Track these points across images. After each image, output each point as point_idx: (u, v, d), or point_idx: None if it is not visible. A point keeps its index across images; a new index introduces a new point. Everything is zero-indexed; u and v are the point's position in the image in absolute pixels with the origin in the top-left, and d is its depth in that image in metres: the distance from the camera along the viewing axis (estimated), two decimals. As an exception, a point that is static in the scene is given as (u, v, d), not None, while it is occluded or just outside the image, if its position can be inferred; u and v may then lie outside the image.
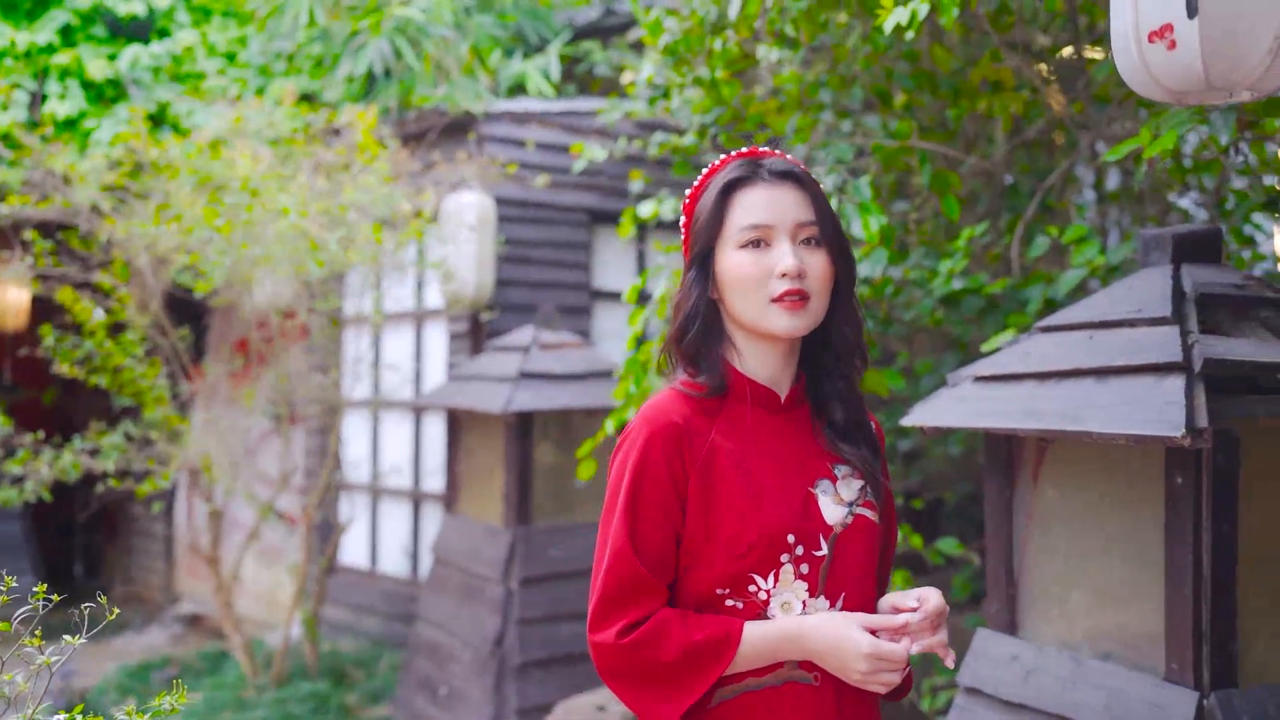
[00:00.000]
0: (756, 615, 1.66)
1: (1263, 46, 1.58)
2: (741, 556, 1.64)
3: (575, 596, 5.29)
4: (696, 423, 1.69)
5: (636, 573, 1.64)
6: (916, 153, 4.28)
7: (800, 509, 1.68)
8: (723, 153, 5.53)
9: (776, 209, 1.68)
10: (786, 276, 1.66)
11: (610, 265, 6.83)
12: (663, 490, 1.66)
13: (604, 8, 7.88)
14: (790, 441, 1.74)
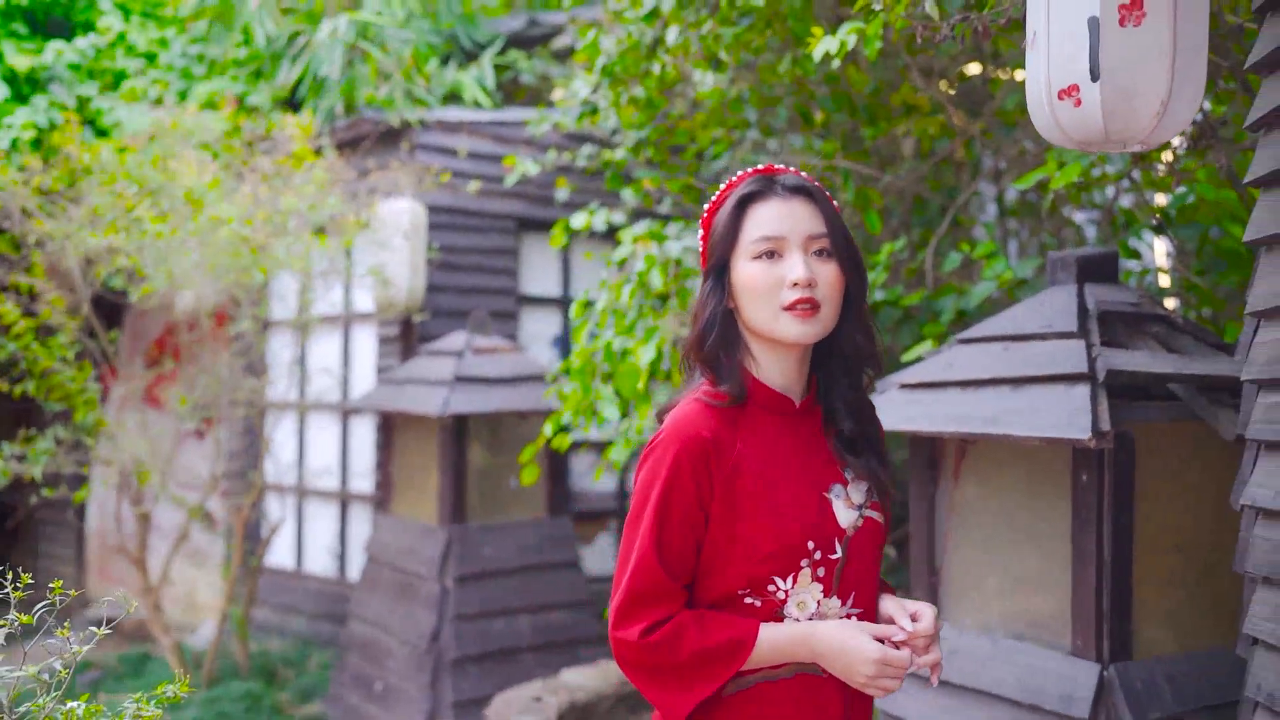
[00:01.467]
0: (773, 612, 1.74)
1: (1152, 109, 1.85)
2: (763, 561, 1.71)
3: (508, 593, 5.47)
4: (723, 434, 1.75)
5: (659, 579, 1.71)
6: (840, 170, 4.56)
7: (817, 514, 1.76)
8: (652, 166, 5.73)
9: (788, 222, 1.75)
10: (797, 285, 1.72)
11: (536, 271, 7.01)
12: (689, 503, 1.72)
13: (527, 18, 8.04)
14: (805, 446, 1.81)
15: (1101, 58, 1.80)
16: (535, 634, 5.47)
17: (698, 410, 1.77)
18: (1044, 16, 1.88)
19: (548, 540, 5.69)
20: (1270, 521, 2.10)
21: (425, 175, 6.02)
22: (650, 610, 1.72)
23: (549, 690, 4.85)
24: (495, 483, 5.68)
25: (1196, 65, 1.84)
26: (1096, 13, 1.80)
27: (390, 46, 6.71)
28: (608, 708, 5.01)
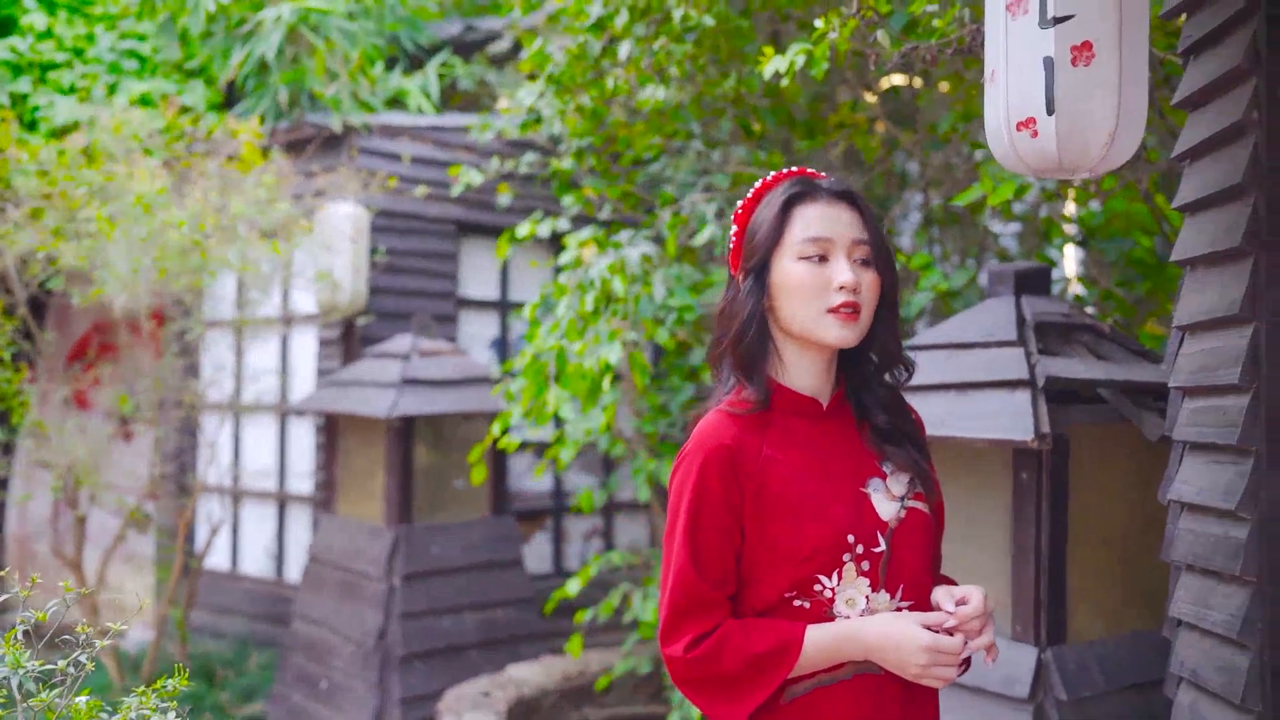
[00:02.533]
0: (823, 612, 1.71)
1: (1101, 140, 2.04)
2: (806, 561, 1.70)
3: (454, 591, 5.57)
4: (747, 441, 1.75)
5: (699, 591, 1.71)
6: (780, 183, 4.75)
7: (855, 509, 1.74)
8: (594, 174, 5.85)
9: (835, 225, 1.76)
10: (844, 289, 1.73)
11: (475, 275, 7.10)
12: (719, 512, 1.72)
13: (464, 23, 8.13)
14: (837, 446, 1.80)
15: (1056, 94, 1.99)
16: (480, 631, 5.58)
17: (720, 419, 1.77)
18: (1002, 55, 2.07)
19: (492, 539, 5.80)
20: (1194, 515, 2.32)
21: (370, 180, 6.08)
22: (693, 623, 1.72)
23: (497, 685, 4.96)
24: (440, 483, 5.78)
25: (1139, 100, 2.04)
26: (1051, 53, 1.99)
27: (335, 40, 6.74)
28: (552, 702, 5.14)
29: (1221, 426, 2.15)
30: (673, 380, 5.16)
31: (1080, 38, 1.96)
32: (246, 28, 6.85)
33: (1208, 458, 2.24)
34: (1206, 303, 2.24)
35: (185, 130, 5.94)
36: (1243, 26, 2.11)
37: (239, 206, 5.38)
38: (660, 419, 5.14)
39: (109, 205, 5.20)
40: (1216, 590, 2.20)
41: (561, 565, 7.24)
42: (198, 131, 5.91)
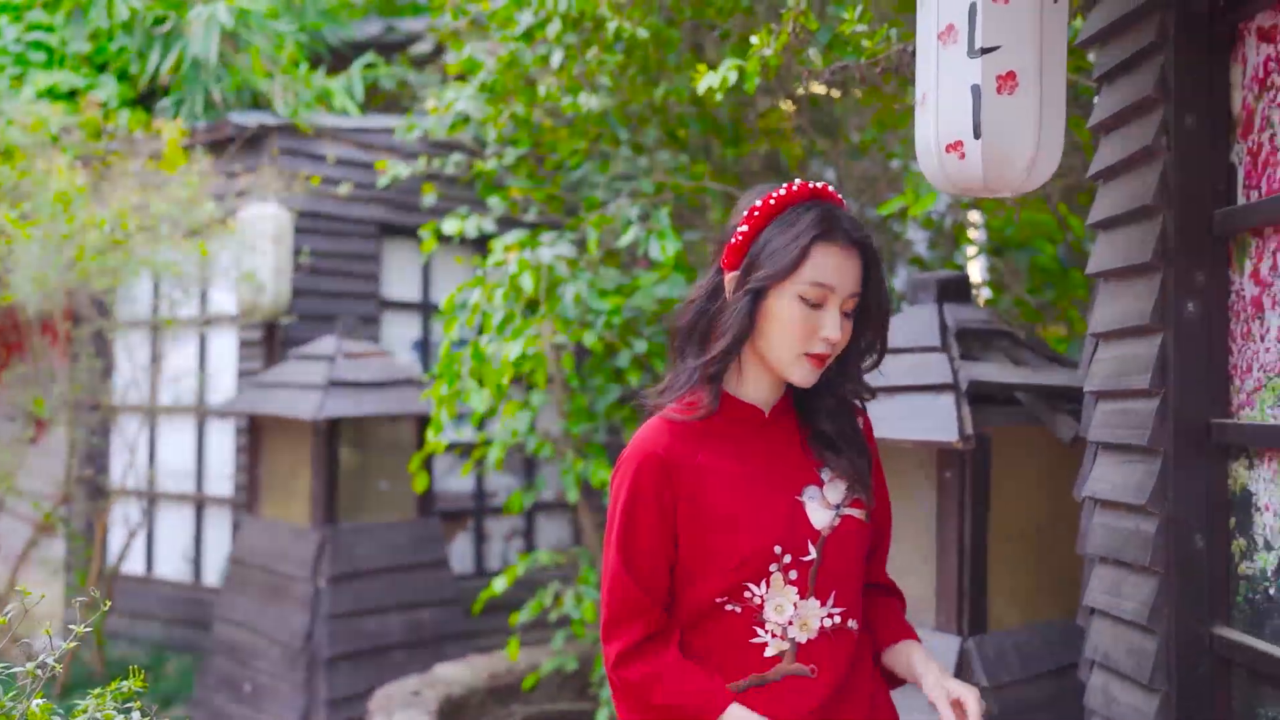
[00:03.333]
0: (753, 617, 1.74)
1: (1023, 163, 2.18)
2: (734, 570, 1.72)
3: (380, 592, 5.59)
4: (681, 449, 1.76)
5: (632, 595, 1.75)
6: (708, 190, 4.88)
7: (788, 518, 1.75)
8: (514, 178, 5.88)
9: (842, 276, 1.73)
10: (827, 342, 1.73)
11: (397, 276, 7.11)
12: (652, 519, 1.74)
13: (384, 24, 8.12)
14: (776, 453, 1.81)
15: (982, 119, 2.12)
16: (406, 631, 5.61)
17: (658, 426, 1.78)
18: (933, 81, 2.20)
19: (417, 540, 5.83)
20: (1107, 511, 2.48)
21: (294, 180, 6.06)
22: (626, 628, 1.75)
23: (426, 685, 5.01)
24: (365, 484, 5.79)
25: (1057, 126, 2.19)
26: (978, 81, 2.12)
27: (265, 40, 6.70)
28: (480, 700, 5.20)
29: (1132, 428, 2.31)
30: (599, 382, 5.25)
31: (1005, 68, 2.10)
32: (167, 26, 6.76)
33: (1120, 457, 2.41)
34: (1119, 313, 2.40)
35: (104, 128, 5.86)
36: (1153, 58, 2.27)
37: (161, 206, 5.33)
38: (586, 420, 5.23)
39: (24, 204, 5.12)
40: (1127, 580, 2.36)
41: (483, 566, 7.28)
42: (116, 129, 5.83)
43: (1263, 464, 2.08)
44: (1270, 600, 2.05)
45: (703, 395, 1.78)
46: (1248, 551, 2.12)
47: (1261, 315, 2.10)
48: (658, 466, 1.74)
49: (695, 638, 1.78)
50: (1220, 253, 2.20)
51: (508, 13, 4.92)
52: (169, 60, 6.77)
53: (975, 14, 2.09)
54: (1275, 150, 2.06)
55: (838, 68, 3.03)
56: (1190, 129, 2.20)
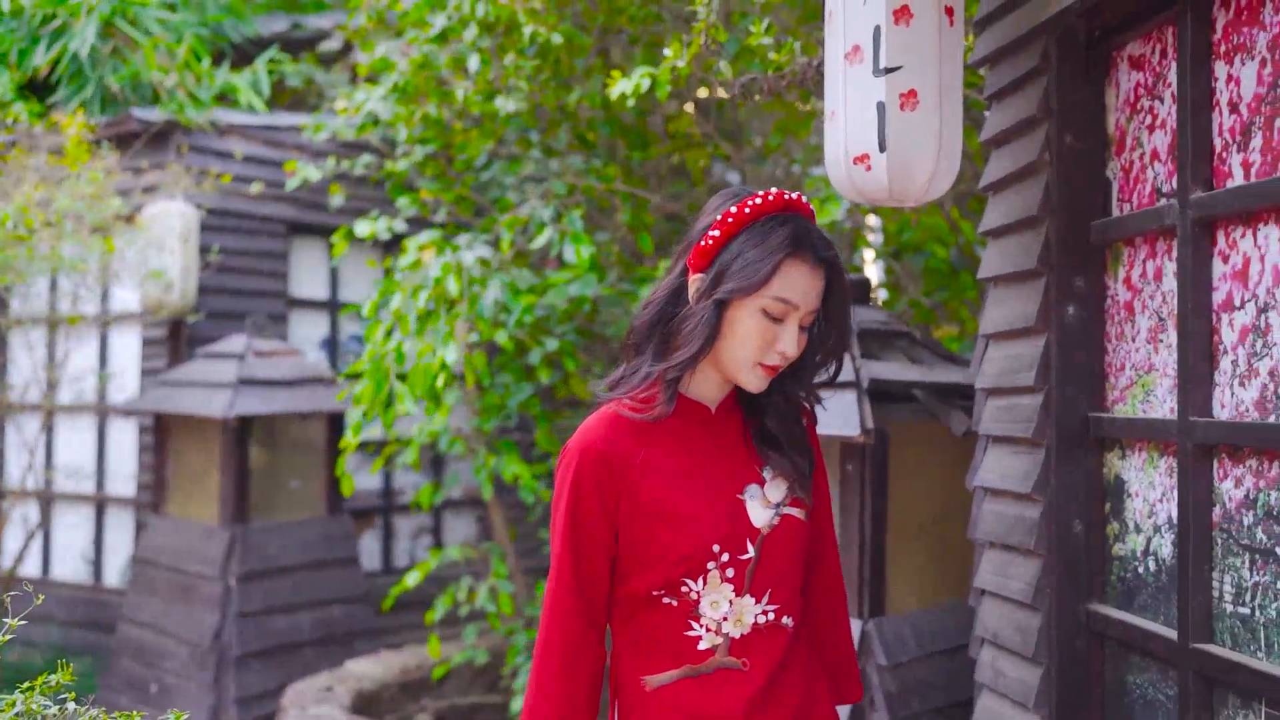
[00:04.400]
0: (689, 611, 1.75)
1: (924, 175, 2.35)
2: (672, 565, 1.73)
3: (290, 590, 5.60)
4: (625, 444, 1.76)
5: (570, 586, 1.77)
6: (618, 192, 5.01)
7: (727, 518, 1.76)
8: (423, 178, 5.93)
9: (807, 293, 1.73)
10: (782, 355, 1.74)
11: (305, 275, 7.09)
12: (593, 513, 1.75)
13: (290, 20, 8.07)
14: (719, 450, 1.82)
15: (887, 134, 2.29)
16: (317, 629, 5.63)
17: (603, 420, 1.79)
18: (841, 98, 2.35)
19: (327, 538, 5.85)
20: (996, 499, 2.67)
21: (204, 178, 6.02)
22: (560, 618, 1.77)
23: (337, 680, 5.04)
24: (275, 483, 5.80)
25: (955, 141, 2.36)
26: (883, 98, 2.28)
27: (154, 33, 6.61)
28: (392, 695, 5.25)
29: (1019, 422, 2.50)
30: (511, 380, 5.34)
31: (907, 86, 2.26)
32: (56, 23, 6.65)
33: (1007, 449, 2.60)
34: (1006, 316, 2.59)
35: (2, 121, 5.75)
36: (1037, 80, 2.46)
37: (65, 202, 5.27)
38: (498, 417, 5.32)
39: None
40: (1014, 563, 2.55)
41: (391, 563, 7.30)
42: (16, 121, 5.73)
43: (1134, 454, 2.28)
44: (1139, 578, 2.25)
45: (657, 396, 1.78)
46: (1120, 534, 2.32)
47: (1133, 318, 2.30)
48: (598, 461, 1.75)
49: (629, 628, 1.80)
50: (1097, 260, 2.40)
51: (420, 14, 4.99)
52: (52, 53, 6.65)
53: (879, 36, 2.25)
54: (1144, 167, 2.26)
55: (746, 79, 3.18)
56: (1070, 147, 2.39)
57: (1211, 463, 2.01)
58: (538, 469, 5.24)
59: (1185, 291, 2.05)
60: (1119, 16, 2.31)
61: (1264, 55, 1.90)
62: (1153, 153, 2.24)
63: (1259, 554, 1.88)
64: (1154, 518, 2.21)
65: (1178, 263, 2.07)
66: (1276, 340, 1.85)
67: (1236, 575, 1.94)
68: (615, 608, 1.82)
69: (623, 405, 1.80)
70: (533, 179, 5.45)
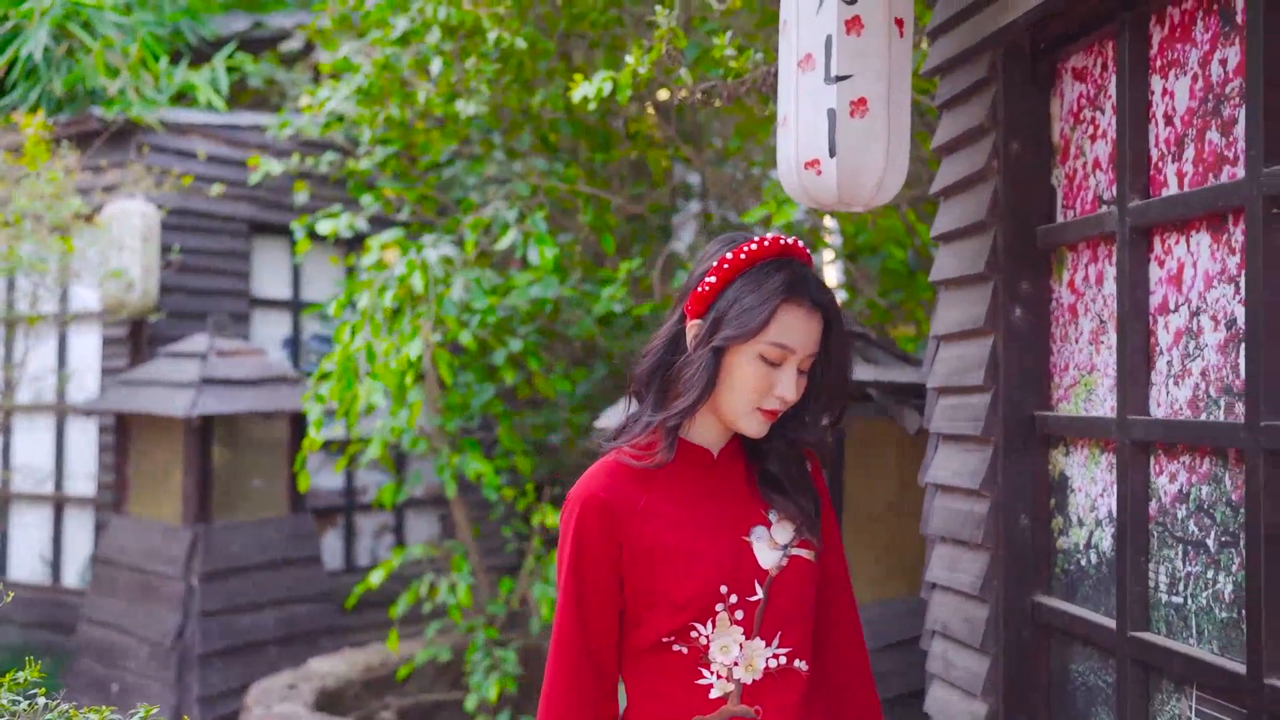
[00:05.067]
0: (698, 658, 1.73)
1: (873, 181, 2.42)
2: (679, 610, 1.71)
3: (253, 589, 5.62)
4: (626, 491, 1.76)
5: (578, 641, 1.75)
6: (580, 194, 5.07)
7: (733, 560, 1.74)
8: (392, 177, 5.97)
9: (805, 338, 1.74)
10: (781, 400, 1.75)
11: (268, 274, 7.10)
12: (597, 561, 1.74)
13: (251, 19, 8.06)
14: (723, 494, 1.81)
15: (837, 140, 2.36)
16: (279, 627, 5.65)
17: (604, 468, 1.79)
18: (793, 104, 2.42)
19: (290, 537, 5.87)
20: (946, 494, 2.76)
21: (166, 177, 6.02)
22: (566, 673, 1.76)
23: (301, 678, 5.07)
24: (238, 482, 5.80)
25: (903, 147, 2.44)
26: (834, 105, 2.35)
27: (109, 35, 6.58)
28: (355, 693, 5.28)
29: (968, 420, 2.58)
30: (474, 379, 5.39)
31: (857, 94, 2.34)
32: (9, 25, 6.60)
33: (958, 446, 2.68)
34: (957, 317, 2.68)
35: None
36: (985, 90, 2.55)
37: (24, 201, 5.25)
38: (461, 417, 5.36)
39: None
40: (963, 557, 2.64)
41: (353, 562, 7.32)
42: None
43: (1077, 451, 2.37)
44: (1081, 570, 2.34)
45: (658, 443, 1.77)
46: (1064, 528, 2.41)
47: (1076, 320, 2.38)
48: (600, 509, 1.74)
49: (639, 681, 1.78)
50: (1043, 265, 2.49)
51: (382, 15, 5.02)
52: (6, 55, 6.61)
53: (831, 45, 2.32)
54: (1087, 175, 2.35)
55: (706, 86, 3.25)
56: (1017, 155, 2.48)
57: (1148, 459, 2.10)
58: (500, 466, 5.29)
59: (1124, 295, 2.13)
60: (1063, 30, 2.39)
61: (1196, 71, 1.99)
62: (1094, 161, 2.33)
63: (1191, 545, 1.97)
64: (1095, 512, 2.29)
65: (1117, 267, 2.16)
66: (1208, 342, 1.94)
67: (1171, 566, 2.02)
68: (624, 660, 1.80)
69: (623, 454, 1.79)
70: (495, 180, 5.49)
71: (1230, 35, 1.90)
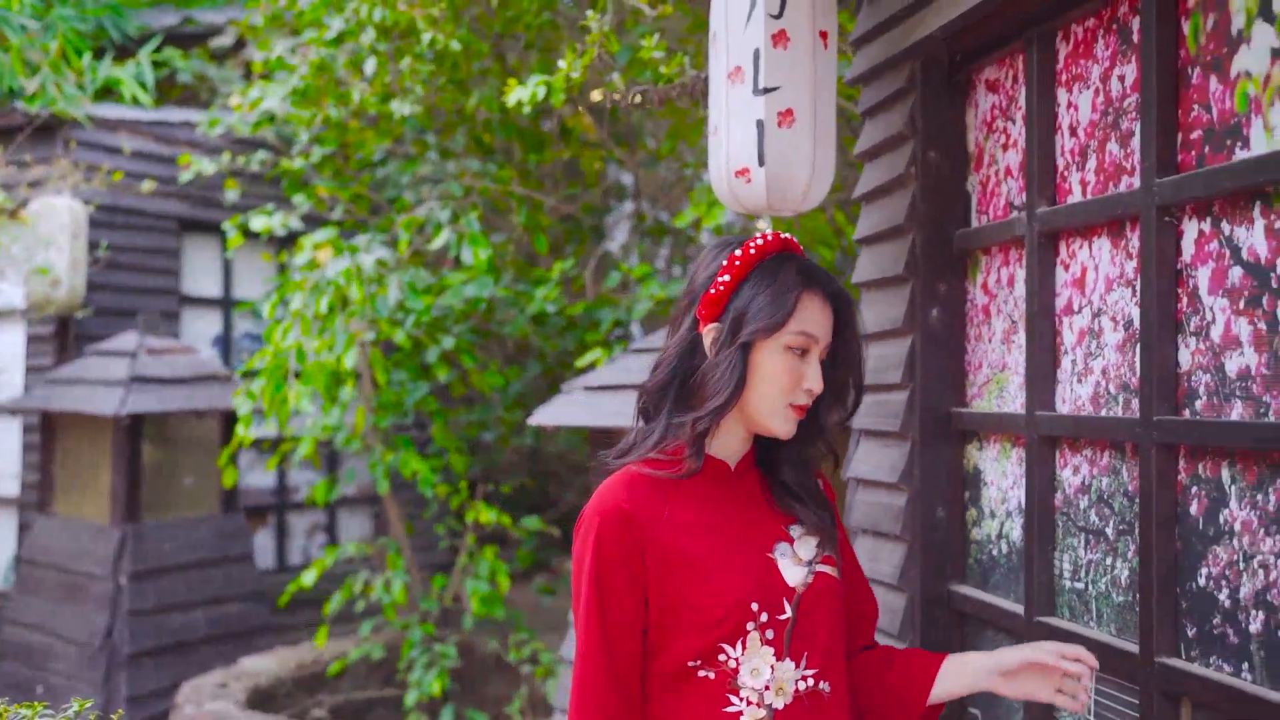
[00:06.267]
0: (727, 683, 1.65)
1: (800, 188, 2.53)
2: (708, 629, 1.63)
3: (185, 588, 5.59)
4: (649, 506, 1.68)
5: (606, 669, 1.65)
6: (513, 195, 5.12)
7: (760, 575, 1.68)
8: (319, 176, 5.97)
9: (823, 326, 1.73)
10: (809, 393, 1.72)
11: (198, 272, 7.04)
12: (620, 578, 1.65)
13: (180, 15, 7.98)
14: (743, 509, 1.75)
15: (765, 149, 2.45)
16: (211, 626, 5.62)
17: (622, 480, 1.71)
18: (724, 115, 2.51)
19: (221, 536, 5.84)
20: (868, 488, 2.86)
21: (94, 173, 5.96)
22: (596, 702, 1.65)
23: (232, 677, 5.06)
24: (169, 481, 5.77)
25: (828, 156, 2.54)
26: (762, 116, 2.45)
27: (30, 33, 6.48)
28: (287, 691, 5.28)
29: (888, 417, 2.69)
30: (408, 377, 5.41)
31: (784, 105, 2.44)
32: None
33: (878, 442, 2.79)
34: (877, 318, 2.78)
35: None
36: (904, 100, 2.66)
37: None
38: (395, 414, 5.39)
39: None
40: (883, 548, 2.74)
41: (285, 561, 7.30)
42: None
43: (990, 446, 2.48)
44: (993, 559, 2.45)
45: (680, 453, 1.72)
46: (978, 520, 2.53)
47: (989, 321, 2.50)
48: (622, 521, 1.66)
49: (665, 711, 1.68)
50: (958, 268, 2.60)
51: (317, 15, 5.04)
52: None
53: (759, 58, 2.42)
54: (999, 183, 2.47)
55: (637, 90, 3.33)
56: (934, 162, 2.59)
57: (1054, 452, 2.21)
58: (433, 463, 5.33)
59: (1032, 297, 2.25)
60: (977, 43, 2.50)
61: (1097, 85, 2.10)
62: (1006, 169, 2.44)
63: (1092, 534, 2.09)
64: (1006, 504, 2.41)
65: (1026, 270, 2.28)
66: (1108, 342, 2.06)
67: (1074, 554, 2.14)
68: (648, 687, 1.69)
69: (642, 465, 1.73)
70: (430, 180, 5.53)
71: (1127, 53, 2.02)
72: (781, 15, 2.42)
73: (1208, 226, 1.80)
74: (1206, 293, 1.80)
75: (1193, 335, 1.83)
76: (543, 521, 5.32)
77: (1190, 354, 1.83)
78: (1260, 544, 1.68)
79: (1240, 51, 1.74)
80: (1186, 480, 1.84)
